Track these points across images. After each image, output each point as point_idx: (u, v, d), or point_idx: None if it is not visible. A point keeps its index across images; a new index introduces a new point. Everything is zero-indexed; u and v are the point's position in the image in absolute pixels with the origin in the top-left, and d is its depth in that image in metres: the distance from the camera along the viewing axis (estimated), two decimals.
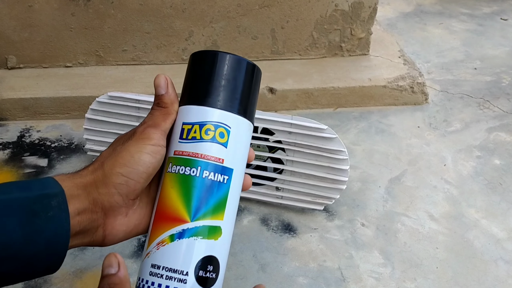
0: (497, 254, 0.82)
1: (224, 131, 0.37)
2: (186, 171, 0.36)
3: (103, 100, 0.91)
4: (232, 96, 0.39)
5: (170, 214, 0.36)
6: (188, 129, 0.38)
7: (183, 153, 0.37)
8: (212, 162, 0.37)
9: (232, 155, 0.38)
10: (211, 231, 0.36)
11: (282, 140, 0.85)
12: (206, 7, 1.20)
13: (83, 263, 0.79)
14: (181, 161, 0.37)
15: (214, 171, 0.37)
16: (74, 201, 0.34)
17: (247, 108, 0.40)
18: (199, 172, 0.36)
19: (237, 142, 0.38)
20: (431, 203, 0.93)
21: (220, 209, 0.37)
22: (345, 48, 1.32)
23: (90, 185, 0.36)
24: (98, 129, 0.94)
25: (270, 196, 0.89)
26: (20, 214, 0.31)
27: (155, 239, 0.36)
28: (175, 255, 0.35)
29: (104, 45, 1.25)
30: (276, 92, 1.19)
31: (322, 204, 0.88)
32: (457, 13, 1.84)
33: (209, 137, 0.37)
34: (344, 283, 0.77)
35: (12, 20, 1.18)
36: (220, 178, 0.37)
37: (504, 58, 1.50)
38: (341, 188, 0.85)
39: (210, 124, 0.37)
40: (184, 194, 0.36)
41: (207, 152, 0.37)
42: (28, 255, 0.32)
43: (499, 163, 1.04)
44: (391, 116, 1.20)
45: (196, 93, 0.39)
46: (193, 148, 0.37)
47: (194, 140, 0.37)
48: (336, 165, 0.83)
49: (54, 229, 0.32)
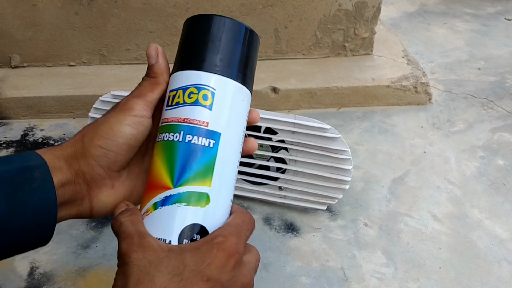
0: (500, 255, 0.82)
1: (208, 93, 0.35)
2: (169, 137, 0.35)
3: (106, 99, 0.91)
4: (217, 57, 0.37)
5: (155, 182, 0.35)
6: (172, 96, 0.36)
7: (167, 120, 0.36)
8: (196, 126, 0.35)
9: (218, 119, 0.35)
10: (196, 198, 0.34)
11: (285, 140, 0.85)
12: (210, 6, 1.20)
13: (86, 262, 0.79)
14: (166, 128, 0.36)
15: (197, 135, 0.35)
16: (57, 173, 0.34)
17: (239, 71, 0.38)
18: (182, 137, 0.35)
19: (225, 105, 0.36)
20: (434, 203, 0.93)
21: (207, 174, 0.34)
22: (349, 47, 1.32)
23: (71, 157, 0.35)
24: None
25: (273, 196, 0.89)
26: (2, 187, 0.31)
27: (142, 209, 0.35)
28: (158, 223, 0.33)
29: (108, 44, 1.25)
30: (279, 91, 1.19)
31: (325, 204, 0.87)
32: (461, 13, 1.83)
33: (192, 100, 0.35)
34: (347, 283, 0.76)
35: (15, 19, 1.18)
36: (205, 142, 0.35)
37: (508, 58, 1.49)
38: (344, 188, 0.85)
39: (193, 87, 0.35)
40: (168, 160, 0.35)
41: (189, 116, 0.35)
42: (15, 227, 0.31)
43: (502, 163, 1.04)
44: (395, 116, 1.20)
45: (182, 59, 0.38)
46: (176, 114, 0.35)
47: (177, 105, 0.36)
48: (339, 165, 0.83)
49: (40, 200, 0.32)
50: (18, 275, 0.77)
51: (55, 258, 0.80)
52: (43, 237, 0.34)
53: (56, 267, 0.78)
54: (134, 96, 0.37)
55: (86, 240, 0.83)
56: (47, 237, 0.34)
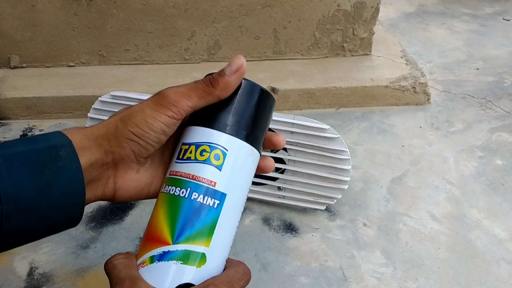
0: (499, 255, 0.82)
1: (220, 153, 0.35)
2: (176, 191, 0.35)
3: (105, 99, 0.91)
4: (232, 118, 0.37)
5: (155, 234, 0.35)
6: (185, 149, 0.36)
7: (176, 173, 0.36)
8: (203, 184, 0.35)
9: (227, 179, 0.36)
10: (193, 257, 0.34)
11: None
12: (209, 7, 1.21)
13: (86, 262, 0.79)
14: (173, 181, 0.36)
15: (204, 194, 0.35)
16: (85, 152, 0.34)
17: (252, 134, 0.38)
18: (188, 193, 0.35)
19: (235, 166, 0.36)
20: (433, 203, 0.93)
21: (207, 234, 0.35)
22: (347, 48, 1.32)
23: (102, 137, 0.35)
24: None
25: (272, 196, 0.90)
26: (28, 166, 0.30)
27: (139, 258, 0.35)
28: (152, 277, 0.33)
29: (107, 45, 1.25)
30: (278, 92, 1.19)
31: (324, 204, 0.88)
32: (460, 13, 1.84)
33: (203, 158, 0.35)
34: (346, 283, 0.77)
35: (15, 20, 1.18)
36: (210, 202, 0.35)
37: (506, 59, 1.50)
38: (343, 188, 0.85)
39: (206, 145, 0.36)
40: (170, 215, 0.35)
41: (199, 174, 0.35)
42: (43, 207, 0.31)
43: (501, 163, 1.04)
44: (393, 116, 1.20)
45: (199, 114, 0.38)
46: (186, 169, 0.36)
47: (188, 160, 0.36)
48: (338, 165, 0.83)
49: (67, 179, 0.32)
50: (18, 275, 0.77)
51: (54, 259, 0.80)
52: (72, 217, 0.34)
53: (55, 268, 0.78)
54: (179, 93, 0.35)
55: (86, 240, 0.83)
56: (76, 217, 0.34)
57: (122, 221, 0.88)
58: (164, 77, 1.22)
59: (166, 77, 1.22)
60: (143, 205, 0.91)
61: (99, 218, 0.88)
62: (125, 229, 0.86)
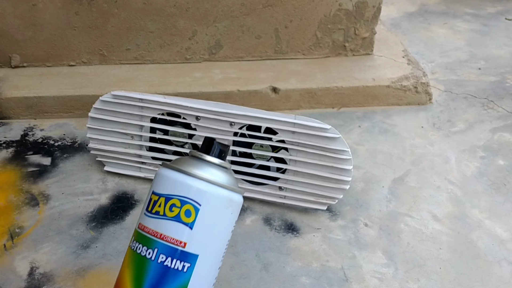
0: (501, 255, 0.82)
1: (192, 208, 0.32)
2: (142, 251, 0.32)
3: (106, 99, 0.91)
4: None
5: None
6: (154, 201, 0.33)
7: (144, 229, 0.33)
8: (171, 245, 0.32)
9: (199, 239, 0.32)
10: None
11: (285, 140, 0.85)
12: (210, 6, 1.20)
13: (86, 262, 0.79)
14: (141, 238, 0.33)
15: (172, 256, 0.31)
16: None
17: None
18: (155, 255, 0.32)
19: (209, 223, 0.32)
20: (434, 203, 0.93)
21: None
22: (349, 47, 1.32)
23: None
24: (101, 128, 0.94)
25: (273, 196, 0.89)
26: None
27: None
28: None
29: (108, 44, 1.25)
30: (279, 91, 1.19)
31: (325, 204, 0.87)
32: (462, 13, 1.83)
33: (173, 214, 0.32)
34: (347, 283, 0.76)
35: (16, 19, 1.18)
36: (179, 266, 0.31)
37: (508, 59, 1.49)
38: (344, 188, 0.85)
39: (176, 198, 0.32)
40: (136, 277, 0.32)
41: (166, 232, 0.32)
42: None
43: (503, 163, 1.04)
44: (395, 116, 1.20)
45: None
46: (154, 225, 0.32)
47: (157, 215, 0.32)
48: (339, 165, 0.83)
49: None
50: (18, 275, 0.77)
51: (55, 258, 0.80)
52: None
53: (56, 267, 0.78)
54: None
55: (86, 240, 0.83)
56: None
57: (123, 220, 0.88)
58: (165, 76, 1.22)
59: (167, 76, 1.22)
60: None
61: (100, 218, 0.88)
62: (126, 229, 0.86)
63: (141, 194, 0.94)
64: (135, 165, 0.96)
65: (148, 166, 0.96)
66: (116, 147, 0.95)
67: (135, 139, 0.94)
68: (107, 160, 0.98)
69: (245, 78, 1.22)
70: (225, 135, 0.87)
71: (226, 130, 0.87)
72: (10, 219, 0.88)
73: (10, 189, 0.95)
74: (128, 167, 0.97)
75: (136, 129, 0.93)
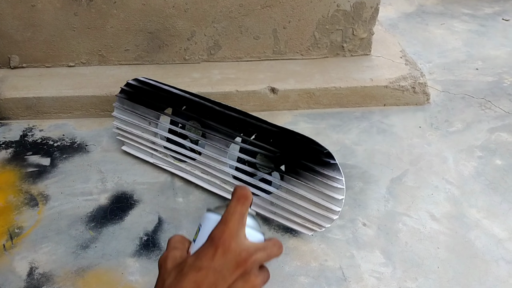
0: (498, 254, 0.82)
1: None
2: None
3: (133, 83, 0.99)
4: None
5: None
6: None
7: None
8: None
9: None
10: None
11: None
12: (208, 7, 1.21)
13: (86, 262, 0.79)
14: None
15: None
16: None
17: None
18: None
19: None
20: (432, 203, 0.93)
21: None
22: (347, 48, 1.32)
23: None
24: (125, 108, 1.01)
25: (264, 209, 0.88)
26: None
27: None
28: None
29: (107, 45, 1.25)
30: (278, 92, 1.19)
31: (311, 230, 0.84)
32: (459, 14, 1.84)
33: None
34: (345, 282, 0.77)
35: (15, 20, 1.18)
36: None
37: (505, 59, 1.50)
38: (332, 217, 0.81)
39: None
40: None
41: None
42: None
43: (500, 163, 1.04)
44: (393, 116, 1.21)
45: None
46: None
47: None
48: (331, 193, 0.79)
49: None
50: (18, 275, 0.77)
51: (55, 258, 0.80)
52: None
53: (56, 267, 0.78)
54: None
55: (86, 240, 0.83)
56: None
57: (122, 221, 0.88)
58: (164, 77, 1.22)
59: (166, 77, 1.22)
60: (143, 205, 0.91)
61: (99, 218, 0.88)
62: (125, 229, 0.86)
63: (140, 194, 0.94)
64: (149, 150, 1.01)
65: (159, 153, 1.00)
66: (134, 129, 1.01)
67: (152, 125, 0.98)
68: (125, 140, 1.05)
69: (243, 78, 1.22)
70: None
71: None
72: (9, 219, 0.88)
73: (10, 190, 0.95)
74: (142, 151, 1.03)
75: (153, 116, 0.98)
